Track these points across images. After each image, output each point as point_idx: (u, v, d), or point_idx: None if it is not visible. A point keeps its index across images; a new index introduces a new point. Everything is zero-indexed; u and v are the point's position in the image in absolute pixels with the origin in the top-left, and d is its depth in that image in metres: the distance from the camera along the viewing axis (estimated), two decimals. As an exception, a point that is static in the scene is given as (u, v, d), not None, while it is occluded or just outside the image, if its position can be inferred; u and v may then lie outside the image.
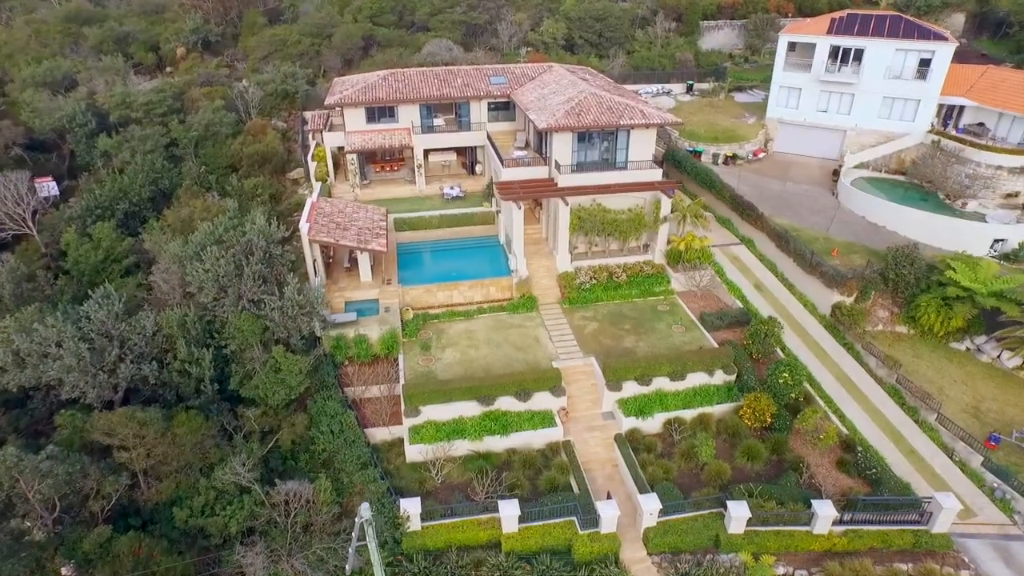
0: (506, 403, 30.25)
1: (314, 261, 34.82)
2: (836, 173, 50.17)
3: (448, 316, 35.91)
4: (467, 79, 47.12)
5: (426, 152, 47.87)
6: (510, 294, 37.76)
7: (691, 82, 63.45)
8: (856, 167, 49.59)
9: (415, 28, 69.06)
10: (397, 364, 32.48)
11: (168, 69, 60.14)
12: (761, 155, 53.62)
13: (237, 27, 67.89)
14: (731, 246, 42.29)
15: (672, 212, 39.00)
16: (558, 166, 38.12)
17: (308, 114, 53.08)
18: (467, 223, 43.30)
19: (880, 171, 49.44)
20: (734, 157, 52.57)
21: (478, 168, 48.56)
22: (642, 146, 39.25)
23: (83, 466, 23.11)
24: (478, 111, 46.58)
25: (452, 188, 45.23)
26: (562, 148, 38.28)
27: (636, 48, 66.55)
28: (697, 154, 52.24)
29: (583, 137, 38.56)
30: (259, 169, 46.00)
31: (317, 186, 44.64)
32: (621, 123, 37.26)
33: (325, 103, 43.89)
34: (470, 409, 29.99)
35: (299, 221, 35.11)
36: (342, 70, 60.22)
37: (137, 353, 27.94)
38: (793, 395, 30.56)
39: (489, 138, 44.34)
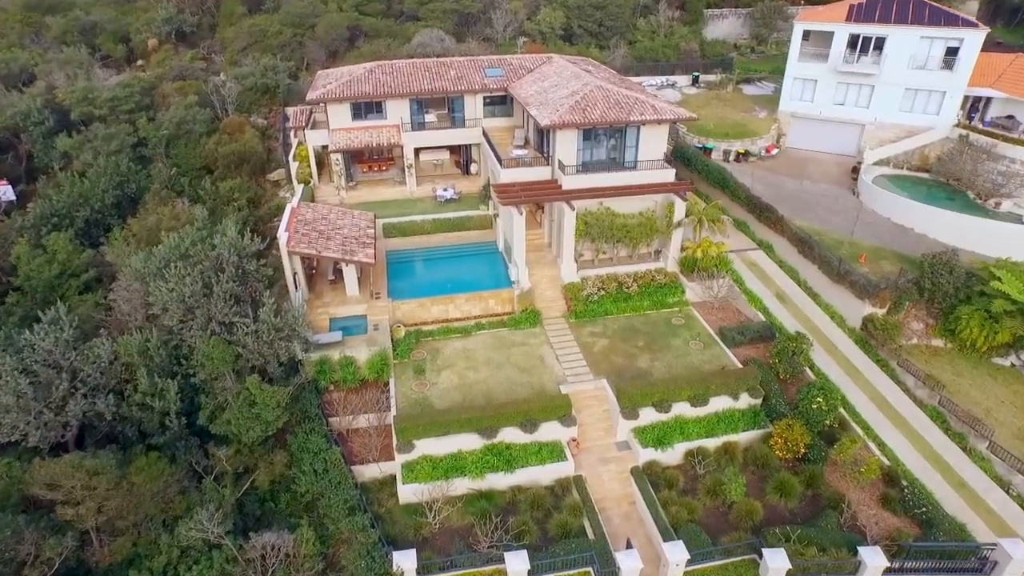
0: (510, 435, 27.29)
1: (294, 275, 31.66)
2: (855, 171, 47.40)
3: (444, 333, 32.86)
4: (461, 71, 43.92)
5: (417, 151, 44.64)
6: (511, 307, 34.75)
7: (697, 74, 60.48)
8: (875, 164, 46.77)
9: (404, 18, 65.72)
10: (388, 389, 29.43)
11: (139, 62, 56.59)
12: (774, 151, 50.79)
13: (214, 17, 64.32)
14: (748, 251, 39.42)
15: (686, 216, 36.05)
16: (562, 166, 35.10)
17: (290, 110, 49.63)
18: (462, 228, 40.23)
19: (902, 168, 46.64)
20: (746, 154, 49.69)
21: (473, 168, 45.42)
22: (653, 144, 36.29)
23: (16, 528, 19.92)
24: (473, 106, 43.40)
25: (446, 190, 42.12)
26: (566, 147, 35.25)
27: (638, 38, 63.52)
28: (707, 151, 49.33)
29: (589, 135, 35.56)
30: (236, 170, 42.74)
31: (299, 188, 41.46)
32: (631, 119, 34.27)
33: (307, 98, 40.61)
34: (470, 442, 27.01)
35: (278, 229, 31.91)
36: (327, 62, 56.87)
37: (91, 385, 24.73)
38: (828, 422, 27.75)
39: (485, 135, 41.23)
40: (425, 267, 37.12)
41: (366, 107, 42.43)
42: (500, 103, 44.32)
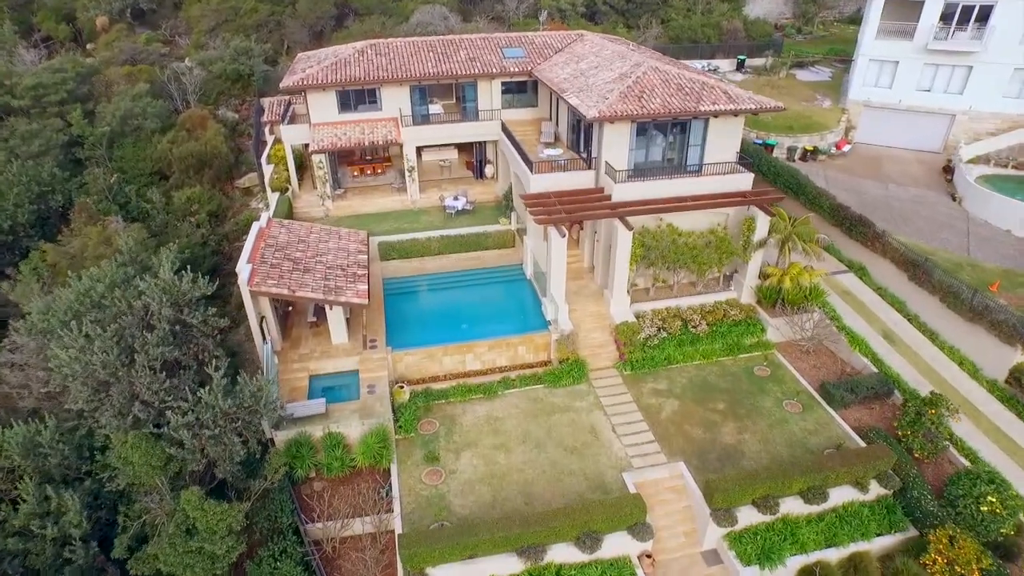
0: (562, 553, 19.87)
1: (262, 320, 24.06)
2: (948, 170, 40.04)
3: (461, 394, 25.33)
4: (473, 52, 36.28)
5: (420, 150, 37.12)
6: (548, 356, 27.25)
7: (743, 57, 52.94)
8: (968, 161, 39.29)
9: (400, -6, 57.89)
10: (389, 479, 21.93)
11: (90, 45, 48.84)
12: (845, 148, 43.31)
13: (180, -7, 56.48)
14: (836, 275, 31.90)
15: (769, 234, 28.53)
16: (611, 171, 27.55)
17: (266, 101, 41.92)
18: (478, 247, 32.73)
19: (1005, 166, 39.16)
20: (814, 151, 42.17)
21: (488, 170, 37.82)
22: (724, 141, 28.84)
23: None
24: (488, 94, 35.79)
25: (456, 198, 34.49)
26: (616, 146, 27.74)
27: (672, 16, 55.90)
28: (768, 147, 41.79)
29: (643, 130, 28.00)
30: (196, 176, 35.14)
31: (273, 198, 33.82)
32: (700, 108, 26.73)
33: (282, 85, 32.91)
34: (507, 566, 19.54)
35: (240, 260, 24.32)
36: (310, 45, 49.12)
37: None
38: (1004, 530, 20.34)
39: (506, 130, 33.58)
40: (433, 301, 29.62)
41: (356, 96, 34.80)
42: (520, 91, 36.75)
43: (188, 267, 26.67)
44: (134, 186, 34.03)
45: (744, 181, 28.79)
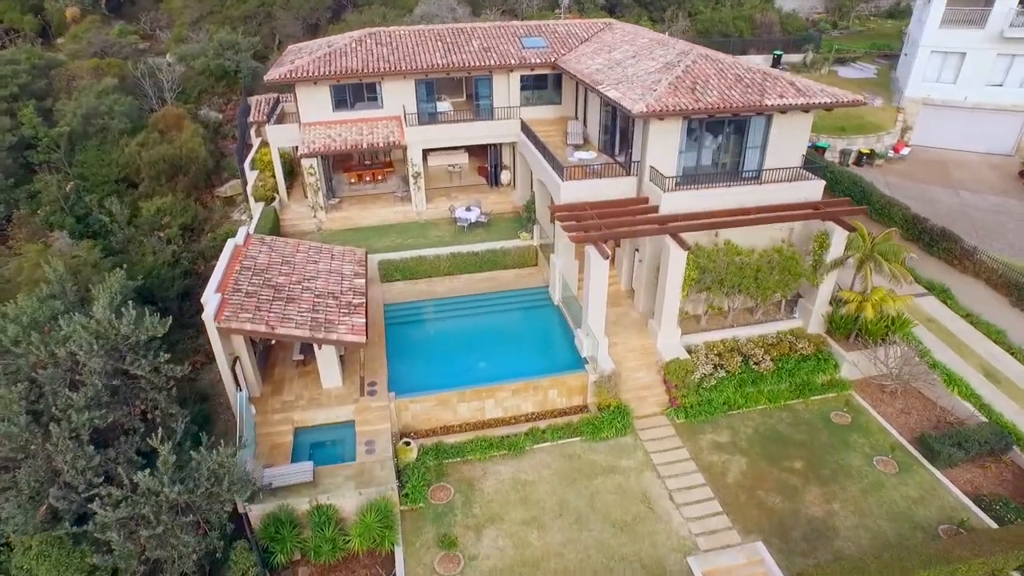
0: (618, 677, 15.37)
1: (234, 362, 19.71)
2: (1025, 176, 35.78)
3: (481, 449, 20.95)
4: (488, 41, 32.12)
5: (426, 153, 32.99)
6: (583, 400, 22.89)
7: (779, 52, 48.70)
8: (1047, 166, 35.06)
9: (402, -15, 53.78)
10: (393, 569, 17.55)
11: (60, 40, 44.81)
12: (904, 151, 39.03)
13: (163, -15, 52.45)
14: (915, 298, 27.49)
15: (846, 252, 24.20)
16: (657, 178, 23.25)
17: (254, 100, 37.74)
18: (495, 266, 28.51)
19: (1092, 172, 34.91)
20: (871, 154, 37.89)
21: (504, 176, 33.57)
22: (788, 142, 24.62)
23: None
24: (505, 89, 31.61)
25: (469, 209, 30.20)
26: (663, 148, 23.49)
27: (700, 8, 51.79)
28: (819, 150, 37.53)
29: (695, 128, 23.75)
30: (168, 183, 30.87)
31: (257, 210, 29.55)
32: (765, 103, 22.45)
33: (266, 77, 28.71)
34: None
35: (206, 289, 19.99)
36: (303, 39, 44.99)
37: None
38: None
39: (527, 130, 29.31)
40: (444, 332, 25.28)
41: (354, 92, 30.66)
42: (540, 86, 32.55)
43: (151, 293, 22.68)
44: (96, 195, 29.78)
45: (813, 190, 24.49)
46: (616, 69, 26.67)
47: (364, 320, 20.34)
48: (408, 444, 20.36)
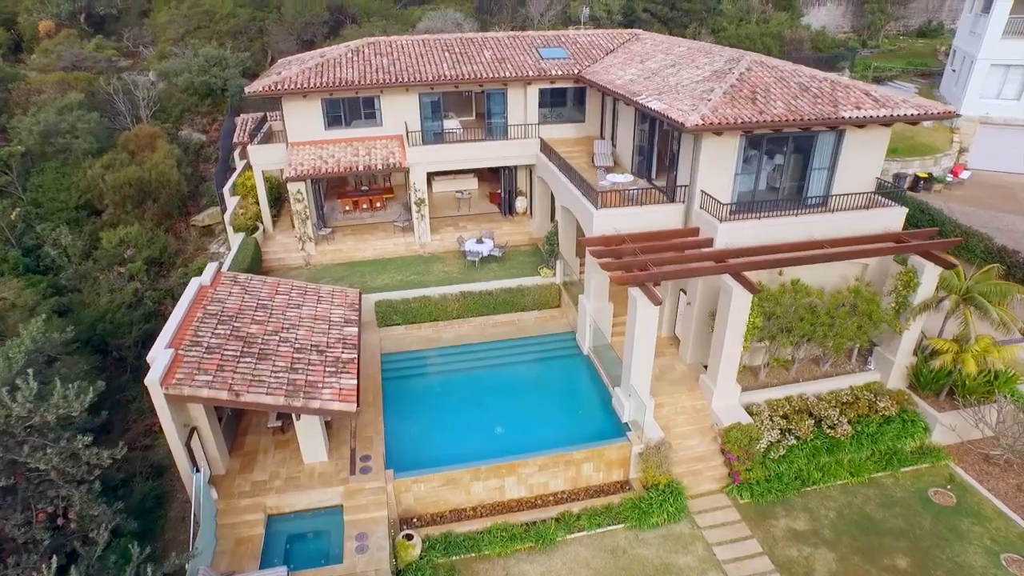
0: None
1: (190, 434, 15.79)
2: (1107, 203, 32.05)
3: (500, 542, 16.94)
4: (501, 51, 28.86)
5: (431, 177, 29.54)
6: (625, 476, 18.89)
7: (813, 69, 45.40)
8: None
9: (406, 2, 51.06)
10: None
11: (35, 56, 41.77)
12: (963, 174, 35.49)
13: (150, 1, 49.66)
14: (1008, 344, 23.53)
15: (937, 292, 20.39)
16: (711, 205, 19.62)
17: (240, 119, 34.41)
18: (512, 307, 24.70)
19: None
20: (929, 178, 34.33)
21: (520, 204, 29.99)
22: (861, 163, 21.04)
23: None
24: (521, 105, 28.26)
25: (480, 241, 26.51)
26: (717, 169, 19.93)
27: (724, 25, 48.83)
28: (871, 174, 33.88)
29: (755, 146, 20.22)
30: (136, 210, 27.32)
31: (236, 240, 25.93)
32: (842, 115, 18.92)
33: (248, 90, 25.31)
34: None
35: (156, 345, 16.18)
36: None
37: None
38: None
39: (547, 150, 25.78)
40: (452, 390, 21.31)
41: (349, 107, 27.30)
42: (559, 102, 29.25)
43: (103, 341, 19.11)
44: (51, 224, 26.17)
45: (892, 218, 20.83)
46: (654, 79, 23.24)
47: (355, 381, 16.49)
48: (410, 539, 16.34)
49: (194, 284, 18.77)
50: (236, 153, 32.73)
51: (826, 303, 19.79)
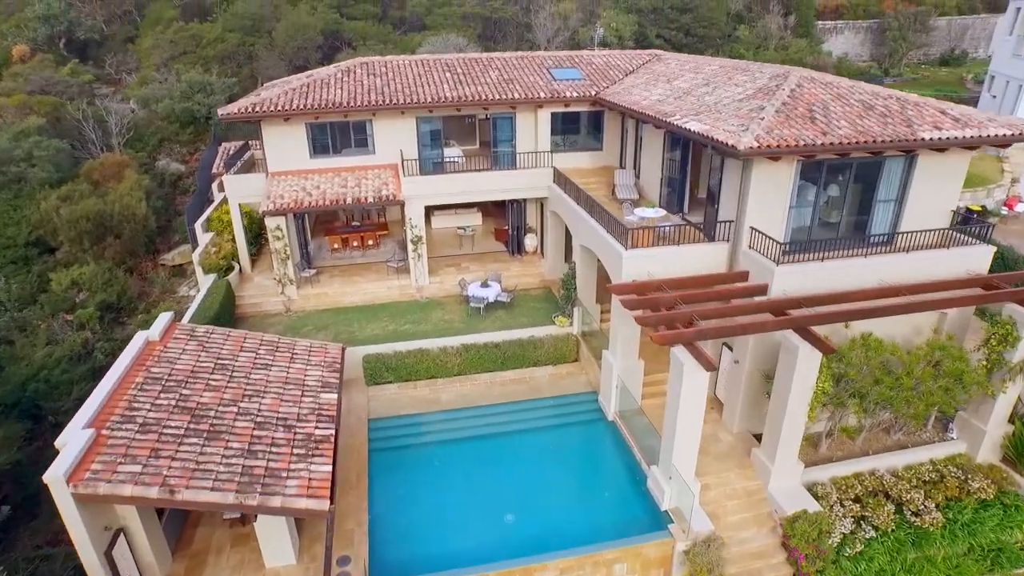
0: None
1: (115, 537, 12.37)
2: None
3: (511, 675, 13.33)
4: (509, 72, 26.20)
5: (429, 212, 26.66)
6: (665, 573, 15.40)
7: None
8: None
9: (406, 27, 48.91)
10: None
11: (2, 81, 39.31)
12: (1018, 207, 32.48)
13: (137, 27, 47.60)
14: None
15: (1036, 349, 17.12)
16: (762, 244, 16.53)
17: (223, 148, 31.65)
18: (522, 362, 21.44)
19: None
20: (983, 212, 31.27)
21: (529, 242, 26.92)
22: (935, 194, 18.01)
23: None
24: (531, 130, 25.45)
25: (485, 285, 23.34)
26: (770, 202, 16.92)
27: (740, 51, 46.49)
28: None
29: (812, 174, 17.22)
30: (95, 247, 24.27)
31: (205, 283, 22.86)
32: (921, 136, 15.94)
33: (221, 112, 22.48)
34: None
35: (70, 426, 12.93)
36: (288, 82, 39.42)
37: None
38: None
39: (564, 182, 22.83)
40: (452, 467, 17.88)
41: (338, 133, 24.51)
42: (572, 128, 26.49)
43: (34, 404, 16.06)
44: (-7, 264, 23.20)
45: (978, 259, 17.73)
46: (686, 99, 20.37)
47: (329, 467, 13.15)
48: (396, 672, 12.80)
49: (139, 339, 15.55)
50: (215, 185, 29.89)
51: (905, 362, 16.52)
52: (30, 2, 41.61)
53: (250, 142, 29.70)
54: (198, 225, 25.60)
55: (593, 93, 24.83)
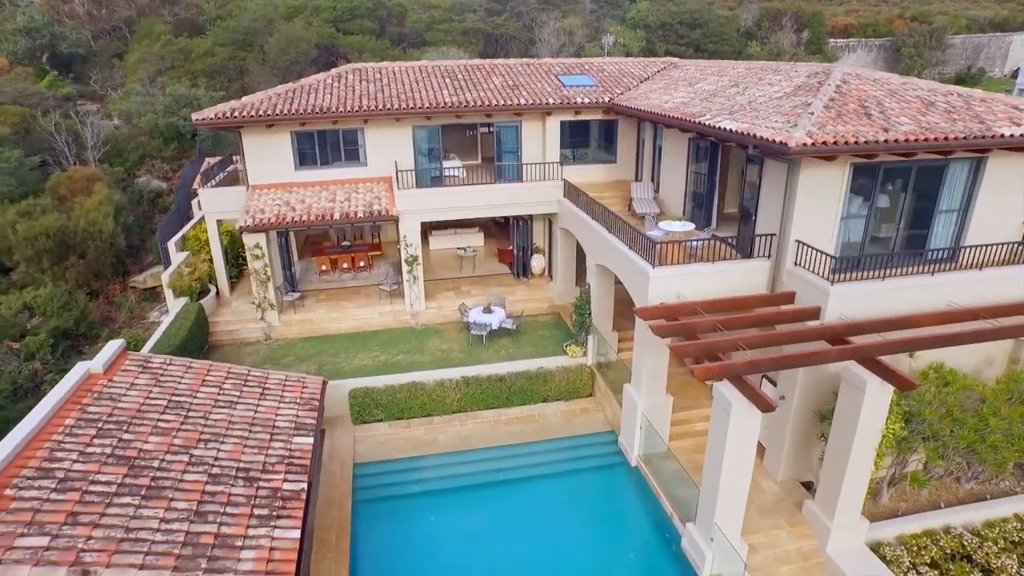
0: None
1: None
2: None
3: None
4: (514, 77, 24.25)
5: (427, 231, 24.49)
6: (709, 669, 12.71)
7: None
8: None
9: (405, 44, 47.31)
10: None
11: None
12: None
13: (127, 43, 46.00)
14: None
15: None
16: (811, 260, 14.18)
17: (208, 162, 29.53)
18: (531, 398, 18.98)
19: None
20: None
21: (536, 263, 24.60)
22: (1005, 203, 15.73)
23: None
24: (538, 141, 23.40)
25: (488, 310, 20.96)
26: (819, 209, 14.58)
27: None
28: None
29: (865, 180, 14.93)
30: (56, 267, 21.97)
31: (175, 307, 20.58)
32: (998, 132, 13.69)
33: (195, 116, 20.38)
34: None
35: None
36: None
37: None
38: None
39: (577, 194, 20.62)
40: (450, 523, 15.30)
41: (327, 143, 22.38)
42: (582, 139, 24.48)
43: None
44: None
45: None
46: (714, 100, 18.23)
47: (297, 532, 10.65)
48: None
49: (77, 371, 13.13)
50: (196, 202, 27.73)
51: (987, 398, 14.07)
52: (11, 14, 40.03)
53: (234, 156, 27.59)
54: (172, 244, 23.33)
55: (607, 99, 22.76)
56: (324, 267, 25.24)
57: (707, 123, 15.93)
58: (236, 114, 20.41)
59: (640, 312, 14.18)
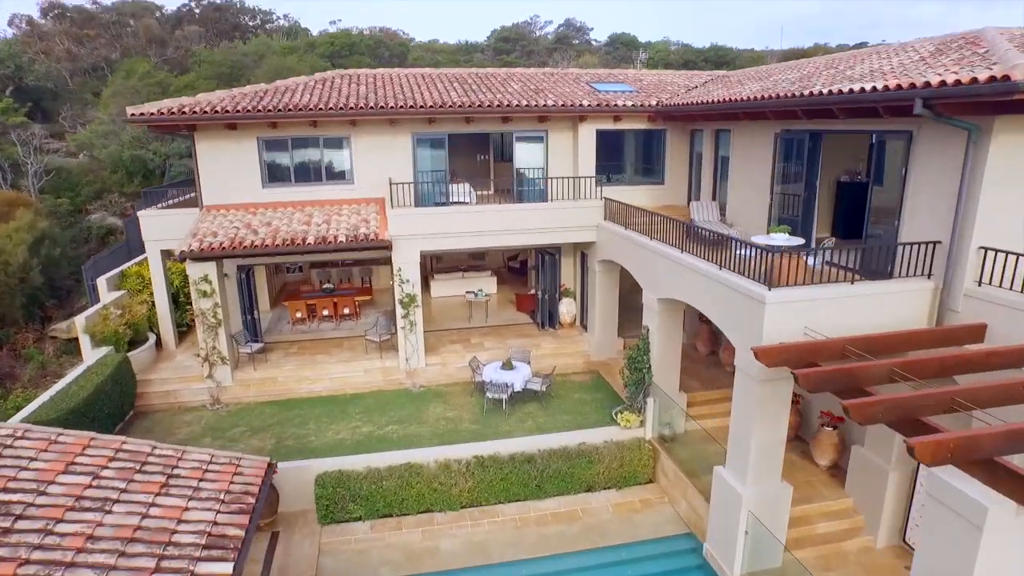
0: None
1: None
2: None
3: None
4: (536, 83, 20.15)
5: (428, 273, 19.79)
6: None
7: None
8: None
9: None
10: None
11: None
12: None
13: (106, 82, 42.65)
14: None
15: None
16: (1009, 274, 9.21)
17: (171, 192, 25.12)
18: (571, 485, 13.60)
19: None
20: None
21: (566, 308, 19.62)
22: None
23: None
24: (567, 156, 18.92)
25: (509, 367, 15.84)
26: (1012, 203, 9.65)
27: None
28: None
29: None
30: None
31: (90, 359, 15.51)
32: None
33: (129, 114, 16.00)
34: None
35: None
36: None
37: None
38: None
39: (621, 213, 15.93)
40: None
41: (303, 153, 17.83)
42: (618, 156, 19.86)
43: None
44: None
45: None
46: (813, 80, 13.70)
47: None
48: None
49: None
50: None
51: None
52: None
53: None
54: (103, 280, 18.52)
55: (654, 103, 18.43)
56: (299, 313, 20.33)
57: (840, 89, 11.30)
58: (187, 110, 15.99)
59: (761, 353, 9.15)
